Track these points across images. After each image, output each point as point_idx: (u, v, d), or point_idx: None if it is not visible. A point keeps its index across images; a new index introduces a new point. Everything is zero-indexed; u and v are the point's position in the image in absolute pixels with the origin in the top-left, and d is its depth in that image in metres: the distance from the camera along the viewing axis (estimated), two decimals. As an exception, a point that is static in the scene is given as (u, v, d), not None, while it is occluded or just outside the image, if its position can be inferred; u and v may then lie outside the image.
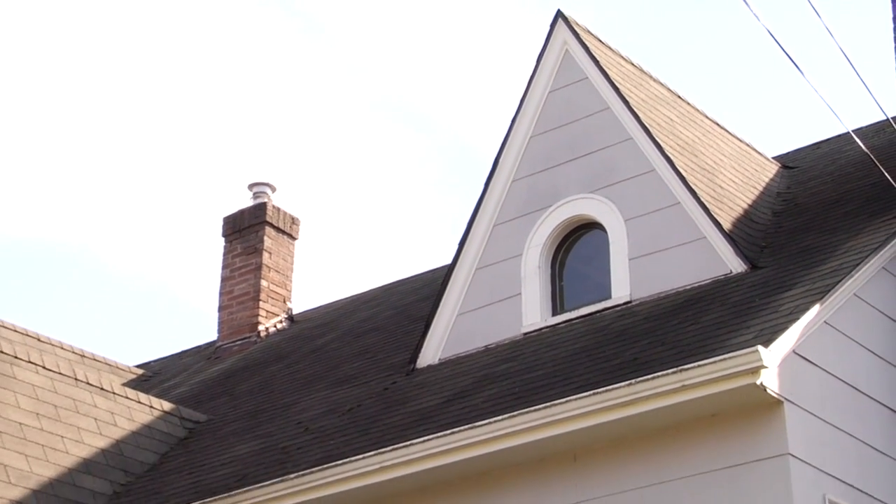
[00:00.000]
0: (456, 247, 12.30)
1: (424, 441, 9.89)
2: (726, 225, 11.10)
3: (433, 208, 39.11)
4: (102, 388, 13.30)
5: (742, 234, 11.23)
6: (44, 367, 12.91)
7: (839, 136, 13.62)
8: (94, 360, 15.85)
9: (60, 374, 13.02)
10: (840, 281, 9.69)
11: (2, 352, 12.63)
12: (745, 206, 11.89)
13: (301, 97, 36.45)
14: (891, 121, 11.14)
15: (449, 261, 12.49)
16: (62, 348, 15.29)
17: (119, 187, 38.30)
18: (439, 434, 9.86)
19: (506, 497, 9.77)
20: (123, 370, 16.44)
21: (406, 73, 36.92)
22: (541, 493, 9.63)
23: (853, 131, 11.98)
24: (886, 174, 11.04)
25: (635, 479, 9.29)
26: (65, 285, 40.42)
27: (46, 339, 15.25)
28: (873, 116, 13.43)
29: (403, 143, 38.45)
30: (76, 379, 13.12)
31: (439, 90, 37.61)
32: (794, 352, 9.10)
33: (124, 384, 14.48)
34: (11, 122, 36.96)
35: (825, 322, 9.53)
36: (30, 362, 12.80)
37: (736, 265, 10.83)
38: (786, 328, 9.04)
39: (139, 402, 13.57)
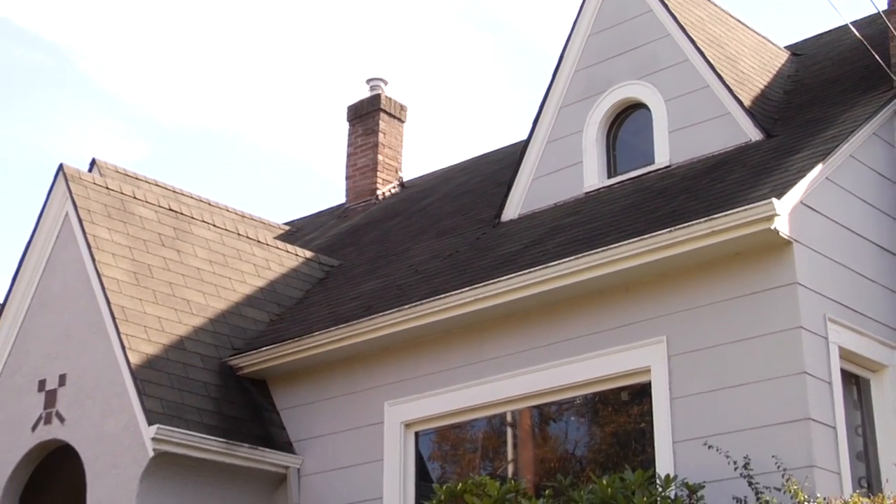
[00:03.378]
0: (531, 125, 12.26)
1: (508, 279, 9.94)
2: (746, 102, 11.01)
3: (511, 96, 39.02)
4: (259, 241, 13.48)
5: (759, 110, 11.11)
6: (214, 225, 13.09)
7: (839, 27, 13.35)
8: (252, 219, 16.06)
9: (227, 230, 13.20)
10: (839, 145, 9.59)
11: (182, 214, 12.82)
12: (762, 87, 11.74)
13: (406, 10, 36.29)
14: (881, 13, 11.02)
15: (525, 137, 12.44)
16: (227, 210, 15.51)
17: (267, 83, 38.52)
18: (519, 273, 9.91)
19: (572, 322, 9.82)
20: (274, 227, 16.65)
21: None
22: (599, 318, 9.67)
23: (850, 23, 11.84)
24: (877, 57, 10.95)
25: (675, 305, 9.30)
26: (225, 162, 40.93)
27: (215, 204, 15.47)
28: (867, 10, 13.18)
29: (485, 44, 38.26)
30: (239, 234, 13.30)
31: (513, 1, 37.26)
32: (801, 202, 9.03)
33: (275, 237, 14.67)
34: (186, 36, 37.13)
35: (827, 178, 9.44)
36: (203, 221, 12.99)
37: (754, 134, 10.74)
38: (794, 183, 8.96)
39: (287, 251, 13.75)
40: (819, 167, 9.25)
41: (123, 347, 10.79)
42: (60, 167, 11.96)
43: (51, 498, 12.02)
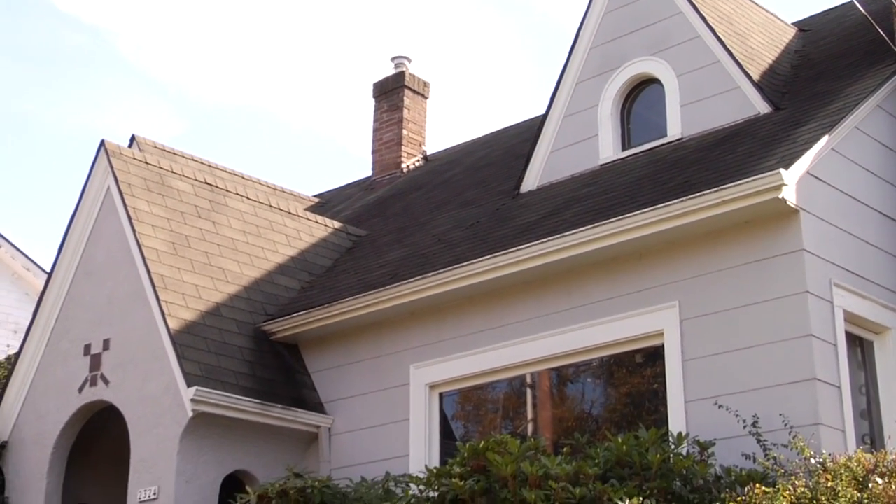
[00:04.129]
0: (548, 101, 12.19)
1: (527, 247, 9.93)
2: (755, 77, 10.92)
3: (530, 72, 38.87)
4: (290, 212, 13.49)
5: (767, 84, 11.02)
6: (247, 198, 13.11)
7: (844, 3, 13.22)
8: (283, 192, 16.07)
9: (259, 202, 13.22)
10: (844, 117, 9.52)
11: (217, 187, 12.84)
12: (770, 61, 11.64)
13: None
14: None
15: (543, 111, 12.38)
16: (260, 183, 15.52)
17: (296, 62, 38.48)
18: (538, 241, 9.89)
19: (588, 288, 9.80)
20: (304, 199, 16.66)
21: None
22: (614, 284, 9.65)
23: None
24: (882, 32, 10.87)
25: (687, 271, 9.27)
26: (257, 137, 40.96)
27: (248, 177, 15.48)
28: (871, -12, 12.98)
29: (505, 23, 38.06)
30: (271, 206, 13.32)
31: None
32: (808, 172, 8.97)
33: (305, 209, 14.68)
34: (218, 22, 37.09)
35: (832, 149, 9.37)
36: (237, 194, 13.01)
37: (763, 108, 10.66)
38: (801, 154, 8.91)
39: (317, 222, 13.76)
40: (825, 138, 9.19)
41: (163, 314, 10.84)
42: (102, 143, 11.99)
43: (97, 456, 12.13)
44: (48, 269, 12.55)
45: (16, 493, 11.61)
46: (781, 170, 8.57)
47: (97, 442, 11.99)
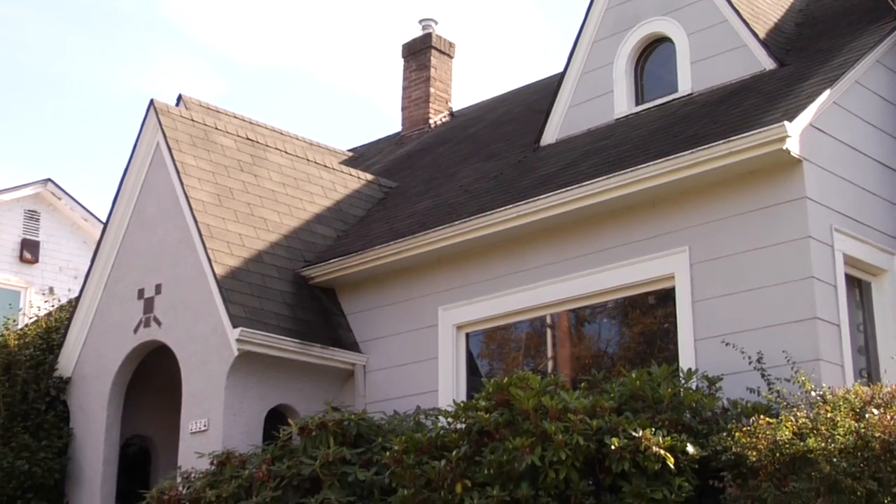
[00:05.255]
0: (566, 59, 12.08)
1: (547, 197, 9.90)
2: (761, 35, 10.78)
3: (549, 32, 38.51)
4: (326, 166, 13.48)
5: (773, 41, 10.88)
6: (286, 152, 13.11)
7: (846, -35, 12.95)
8: (319, 146, 16.05)
9: (297, 156, 13.21)
10: (845, 72, 9.40)
11: (258, 142, 12.84)
12: (775, 20, 11.47)
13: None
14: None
15: (561, 69, 12.27)
16: (297, 139, 15.50)
17: (331, 25, 38.28)
18: (557, 191, 9.85)
19: (604, 234, 9.78)
20: (339, 153, 16.63)
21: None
22: (628, 231, 9.62)
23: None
24: (881, -8, 10.62)
25: (697, 218, 9.23)
26: (295, 96, 40.92)
27: (287, 133, 15.46)
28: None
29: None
30: (308, 160, 13.31)
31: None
32: (810, 125, 8.88)
33: (340, 163, 14.66)
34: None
35: (834, 102, 9.27)
36: (276, 149, 13.01)
37: (768, 64, 10.53)
38: (804, 108, 8.82)
39: (351, 174, 13.74)
40: (827, 92, 9.08)
41: (210, 260, 10.90)
42: (151, 102, 11.99)
43: (152, 391, 12.27)
44: (104, 220, 12.61)
45: (79, 425, 11.78)
46: (785, 122, 8.49)
47: (151, 378, 12.13)
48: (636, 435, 7.30)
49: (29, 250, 20.04)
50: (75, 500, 11.52)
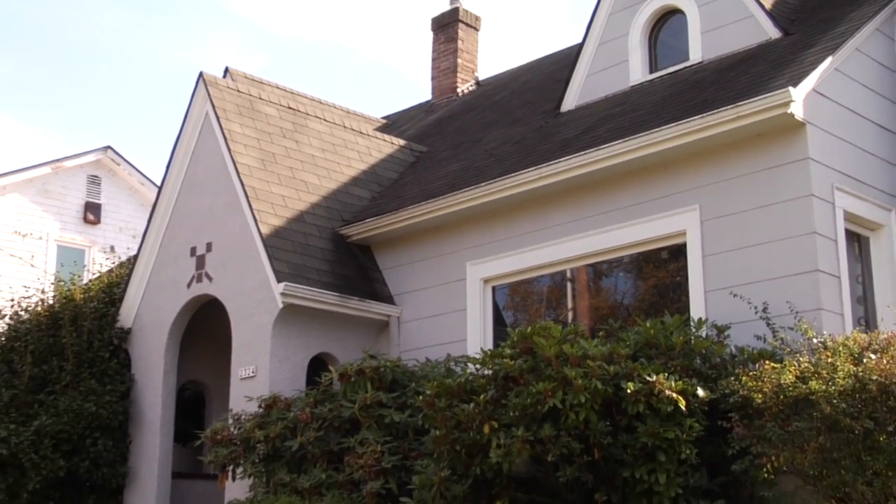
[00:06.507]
0: (584, 31, 11.95)
1: (567, 160, 9.85)
2: (768, 6, 10.64)
3: (567, 6, 38.13)
4: (361, 132, 13.47)
5: (778, 12, 10.71)
6: (325, 120, 13.10)
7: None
8: (355, 114, 16.02)
9: (335, 123, 13.20)
10: (846, 40, 9.27)
11: (298, 111, 12.84)
12: (782, -8, 11.29)
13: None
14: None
15: (580, 40, 12.15)
16: (335, 108, 15.47)
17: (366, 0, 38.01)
18: (576, 154, 9.81)
19: (620, 194, 9.74)
20: (373, 120, 16.59)
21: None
22: (643, 191, 9.57)
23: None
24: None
25: (707, 178, 9.17)
26: (332, 67, 40.81)
27: (325, 102, 15.43)
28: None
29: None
30: (345, 127, 13.29)
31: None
32: (813, 90, 8.77)
33: (374, 129, 14.63)
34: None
35: (836, 69, 9.14)
36: (315, 116, 13.00)
37: (774, 33, 10.38)
38: (808, 74, 8.71)
39: (384, 140, 13.72)
40: (829, 59, 8.96)
41: (255, 220, 10.95)
42: (201, 75, 12.00)
43: (204, 341, 12.39)
44: (159, 184, 12.68)
45: (139, 371, 11.94)
46: (790, 88, 8.40)
47: (204, 329, 12.24)
48: (650, 379, 7.31)
49: (92, 212, 20.24)
50: (137, 439, 11.70)
